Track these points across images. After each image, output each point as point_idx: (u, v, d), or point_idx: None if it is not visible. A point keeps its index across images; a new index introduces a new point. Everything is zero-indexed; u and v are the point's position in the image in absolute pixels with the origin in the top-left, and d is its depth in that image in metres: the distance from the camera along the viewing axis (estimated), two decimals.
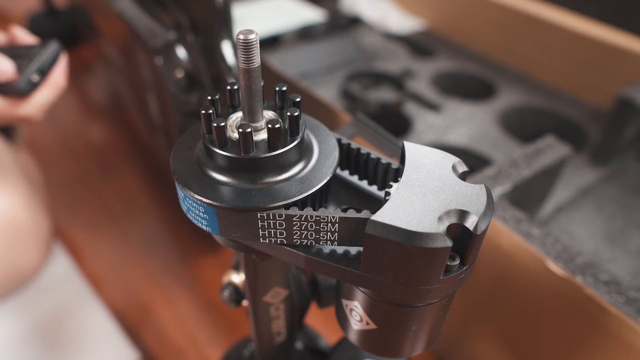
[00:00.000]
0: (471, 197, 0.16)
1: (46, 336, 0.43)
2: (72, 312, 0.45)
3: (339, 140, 0.20)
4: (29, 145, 0.62)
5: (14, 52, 0.35)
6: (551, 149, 0.40)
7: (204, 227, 0.18)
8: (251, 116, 0.18)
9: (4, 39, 0.37)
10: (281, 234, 0.18)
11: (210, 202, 0.17)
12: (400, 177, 0.17)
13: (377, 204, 0.20)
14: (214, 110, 0.18)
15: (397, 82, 0.63)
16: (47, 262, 0.49)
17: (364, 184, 0.21)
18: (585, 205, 0.50)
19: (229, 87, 0.19)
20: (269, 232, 0.18)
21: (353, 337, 0.22)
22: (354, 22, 0.80)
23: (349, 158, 0.21)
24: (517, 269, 0.32)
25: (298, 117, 0.18)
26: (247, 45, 0.16)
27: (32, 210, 0.45)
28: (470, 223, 0.16)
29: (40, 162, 0.58)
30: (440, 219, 0.16)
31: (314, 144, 0.20)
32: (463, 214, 0.16)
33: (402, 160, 0.19)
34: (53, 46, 0.36)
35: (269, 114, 0.19)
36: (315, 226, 0.17)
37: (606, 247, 0.46)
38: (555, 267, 0.30)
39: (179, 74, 0.40)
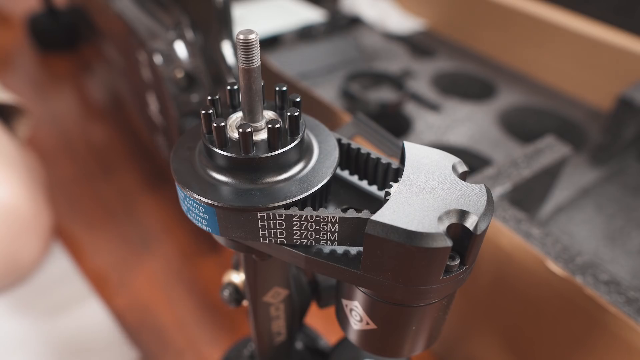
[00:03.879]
0: (471, 197, 0.16)
1: (45, 336, 0.43)
2: (71, 311, 0.45)
3: (339, 140, 0.20)
4: (28, 144, 0.62)
5: None
6: (551, 149, 0.40)
7: (204, 227, 0.18)
8: (251, 116, 0.18)
9: None
10: (281, 234, 0.18)
11: (210, 202, 0.17)
12: (400, 177, 0.17)
13: (377, 204, 0.20)
14: (214, 110, 0.18)
15: (397, 82, 0.63)
16: (46, 256, 0.49)
17: (364, 184, 0.21)
18: (585, 205, 0.50)
19: (229, 87, 0.19)
20: (269, 232, 0.18)
21: (353, 337, 0.22)
22: (354, 22, 0.80)
23: (349, 158, 0.21)
24: (517, 269, 0.32)
25: (298, 117, 0.18)
26: (247, 45, 0.16)
27: (35, 202, 0.45)
28: (470, 223, 0.16)
29: (40, 161, 0.58)
30: (440, 219, 0.16)
31: (314, 144, 0.20)
32: (463, 214, 0.16)
33: (402, 160, 0.19)
34: None
35: (269, 114, 0.19)
36: (315, 226, 0.17)
37: (606, 247, 0.46)
38: (555, 267, 0.30)
39: (179, 74, 0.40)
